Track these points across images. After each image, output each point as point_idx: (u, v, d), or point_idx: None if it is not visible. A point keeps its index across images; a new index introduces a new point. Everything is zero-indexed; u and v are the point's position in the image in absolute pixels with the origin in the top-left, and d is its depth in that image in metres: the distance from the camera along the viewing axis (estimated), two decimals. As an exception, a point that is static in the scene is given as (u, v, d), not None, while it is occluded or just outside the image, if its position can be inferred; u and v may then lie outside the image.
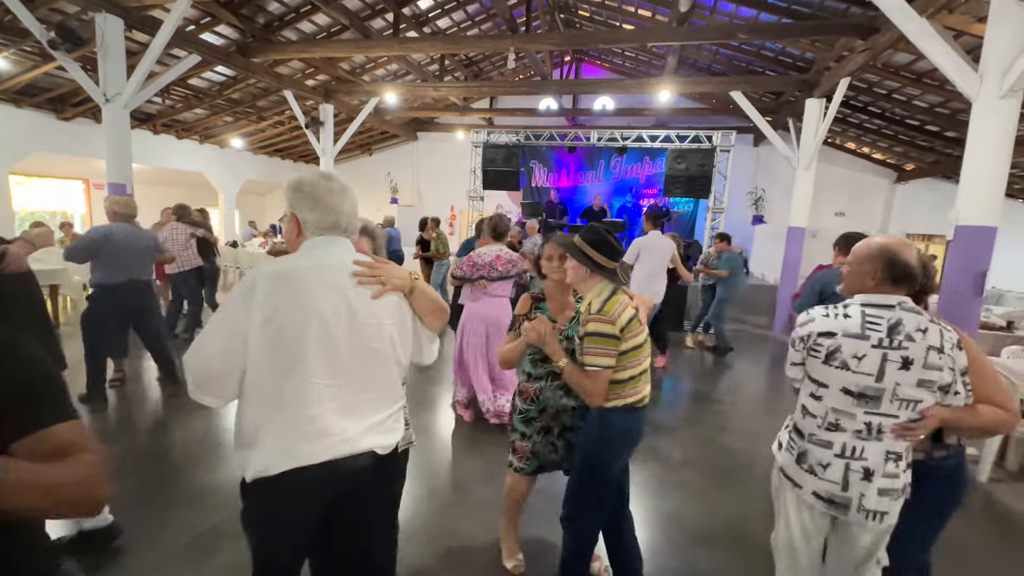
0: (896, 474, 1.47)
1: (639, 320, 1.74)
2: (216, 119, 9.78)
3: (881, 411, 1.46)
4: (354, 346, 1.23)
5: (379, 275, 1.27)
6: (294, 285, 1.18)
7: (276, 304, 1.15)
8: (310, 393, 1.18)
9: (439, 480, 2.98)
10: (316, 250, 1.26)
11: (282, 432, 1.17)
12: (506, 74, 11.87)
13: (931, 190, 10.55)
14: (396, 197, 13.16)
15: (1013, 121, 3.51)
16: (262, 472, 1.17)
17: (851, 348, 1.47)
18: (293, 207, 1.29)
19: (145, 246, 3.89)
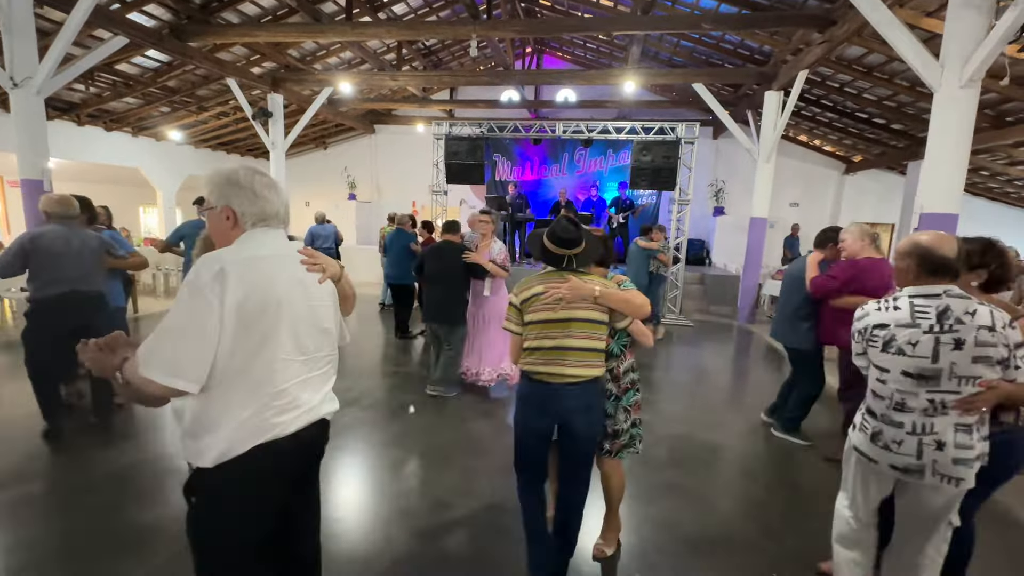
0: (970, 445, 1.60)
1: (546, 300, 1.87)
2: (151, 109, 8.97)
3: (941, 388, 1.60)
4: (310, 325, 1.35)
5: (321, 263, 1.40)
6: (261, 271, 1.26)
7: (247, 289, 1.21)
8: (280, 369, 1.27)
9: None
10: (264, 240, 1.33)
11: (256, 409, 1.24)
12: (466, 64, 11.55)
13: (876, 181, 11.09)
14: (354, 193, 12.61)
15: (972, 110, 3.59)
16: (228, 452, 1.22)
17: (904, 336, 1.64)
18: (228, 200, 1.32)
19: (89, 249, 3.24)
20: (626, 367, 2.15)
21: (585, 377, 1.88)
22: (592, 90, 11.19)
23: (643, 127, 7.85)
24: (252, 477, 1.25)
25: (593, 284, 1.86)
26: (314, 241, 7.56)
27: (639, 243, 6.52)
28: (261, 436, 1.24)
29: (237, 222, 1.32)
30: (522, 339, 1.93)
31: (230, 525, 1.27)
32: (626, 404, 2.15)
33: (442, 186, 8.99)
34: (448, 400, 4.22)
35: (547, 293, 1.86)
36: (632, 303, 1.87)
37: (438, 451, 3.30)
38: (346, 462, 3.14)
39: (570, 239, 1.89)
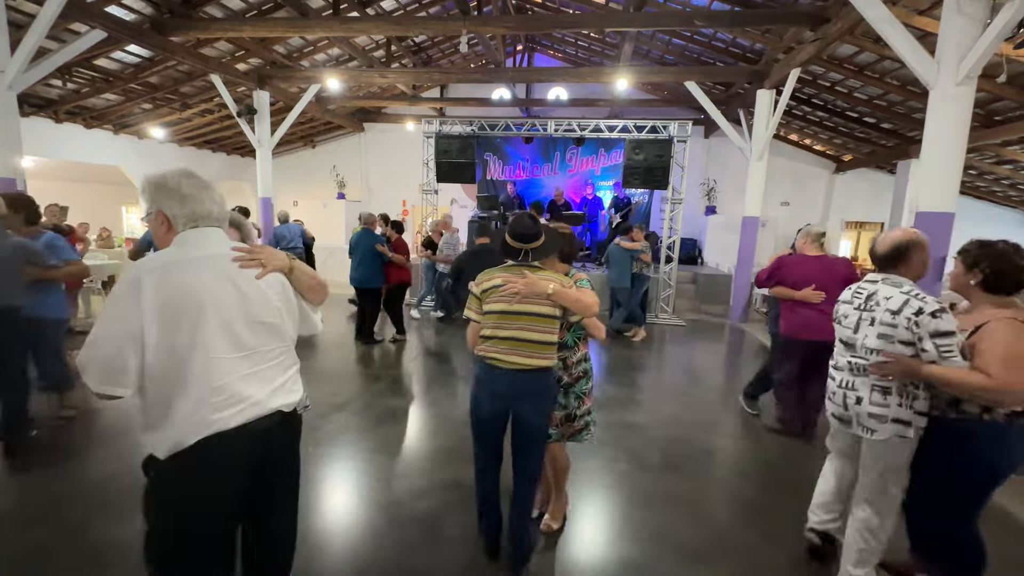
0: (885, 404, 1.90)
1: (503, 293, 2.00)
2: (132, 106, 8.73)
3: (857, 355, 1.99)
4: (248, 322, 1.36)
5: (258, 258, 1.41)
6: (185, 274, 1.28)
7: (167, 292, 1.24)
8: (214, 368, 1.30)
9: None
10: (196, 241, 1.36)
11: (194, 406, 1.28)
12: (457, 62, 11.43)
13: (866, 180, 11.15)
14: (343, 192, 12.42)
15: (968, 108, 3.56)
16: (178, 445, 1.28)
17: (843, 310, 2.12)
18: (160, 205, 1.36)
19: (2, 258, 2.81)
20: (578, 357, 2.28)
21: (535, 367, 2.01)
22: (583, 89, 11.12)
23: (635, 125, 7.80)
24: (201, 468, 1.31)
25: (548, 282, 1.96)
26: (279, 243, 7.23)
27: (621, 244, 6.43)
28: (204, 430, 1.29)
29: (171, 226, 1.36)
30: (479, 327, 2.07)
31: (183, 510, 1.33)
32: (578, 392, 2.29)
33: (432, 185, 8.87)
34: (439, 403, 4.12)
35: (505, 287, 1.99)
36: (582, 302, 1.98)
37: (429, 458, 3.20)
38: (335, 469, 3.03)
39: (527, 234, 2.05)
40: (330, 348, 5.71)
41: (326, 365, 5.14)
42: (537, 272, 2.03)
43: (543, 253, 2.10)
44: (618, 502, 2.79)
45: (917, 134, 8.64)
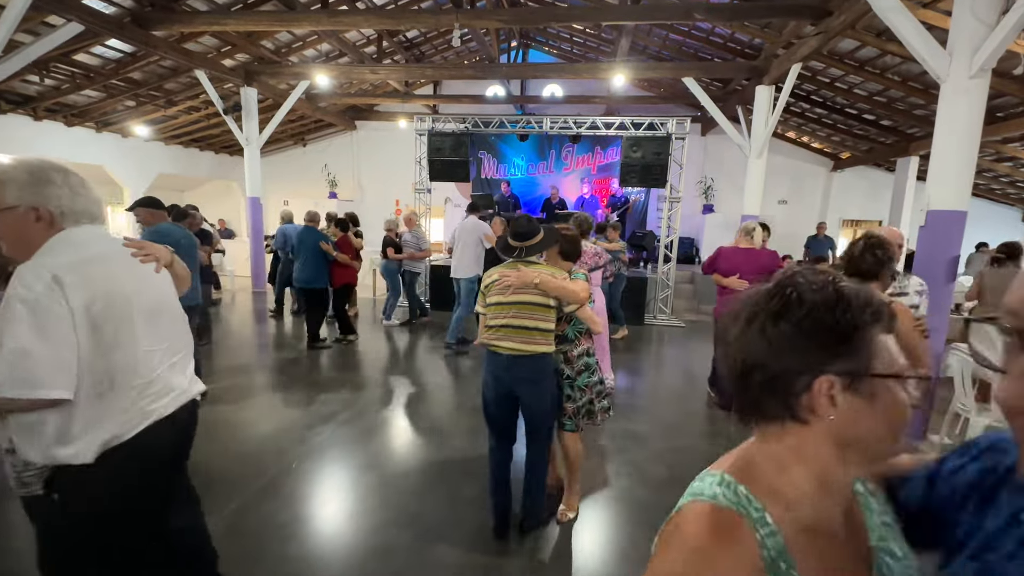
0: None
1: (499, 286, 2.22)
2: (114, 103, 8.47)
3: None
4: (160, 314, 1.41)
5: (153, 252, 1.43)
6: (101, 270, 1.26)
7: (92, 290, 1.21)
8: (144, 360, 1.33)
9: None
10: (94, 238, 1.31)
11: (132, 400, 1.30)
12: (450, 59, 11.23)
13: (863, 178, 11.06)
14: (335, 191, 12.19)
15: (982, 102, 3.41)
16: (114, 440, 1.27)
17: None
18: (44, 199, 1.23)
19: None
20: (579, 352, 2.37)
21: (530, 352, 2.18)
22: (579, 86, 10.95)
23: (633, 122, 7.63)
24: (139, 459, 1.32)
25: (536, 273, 2.17)
26: (286, 243, 6.83)
27: (598, 244, 6.27)
28: (144, 421, 1.32)
29: (53, 222, 1.25)
30: (486, 319, 2.28)
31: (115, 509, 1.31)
32: (580, 384, 2.39)
33: (426, 184, 8.67)
34: (433, 417, 3.94)
35: (500, 280, 2.22)
36: (565, 289, 2.15)
37: (421, 474, 3.02)
38: (321, 488, 2.84)
39: (522, 232, 2.26)
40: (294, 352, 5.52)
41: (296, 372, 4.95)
42: (530, 266, 2.24)
43: (537, 249, 2.27)
44: (623, 524, 2.62)
45: (917, 131, 8.54)
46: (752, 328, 0.57)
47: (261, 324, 6.90)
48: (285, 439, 3.38)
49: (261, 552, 2.26)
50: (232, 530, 2.39)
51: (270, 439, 3.40)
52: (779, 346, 0.54)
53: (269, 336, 6.31)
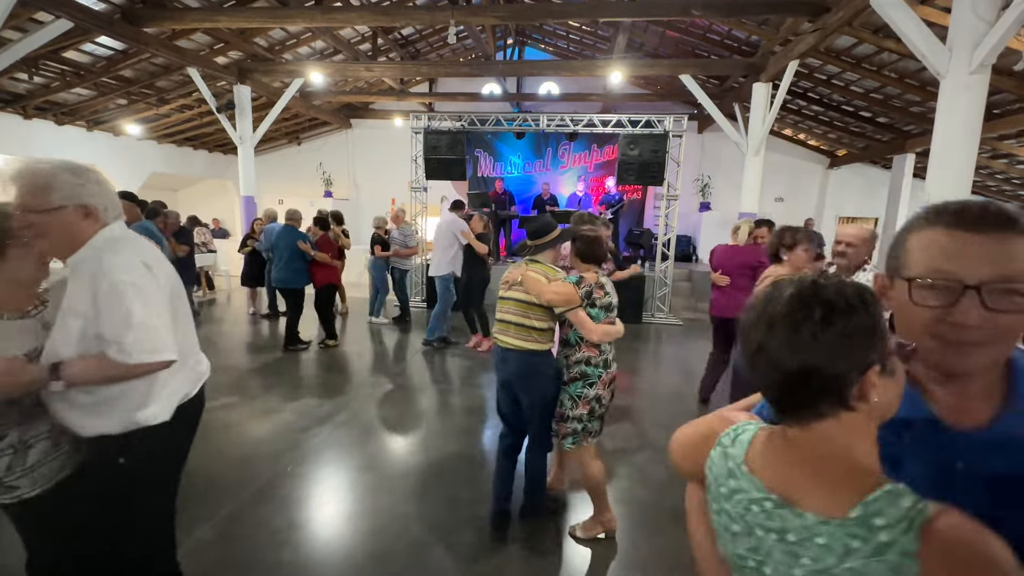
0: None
1: (502, 282, 2.38)
2: (106, 101, 8.36)
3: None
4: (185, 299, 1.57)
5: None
6: (161, 260, 1.45)
7: (164, 272, 1.42)
8: (191, 340, 1.56)
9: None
10: (128, 231, 1.43)
11: (191, 364, 1.55)
12: (445, 56, 11.16)
13: (859, 175, 11.07)
14: (330, 190, 12.09)
15: (982, 97, 3.40)
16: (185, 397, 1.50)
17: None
18: (91, 197, 1.32)
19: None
20: (577, 358, 2.27)
21: (519, 347, 2.27)
22: (575, 84, 10.91)
23: (630, 120, 7.59)
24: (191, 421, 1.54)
25: (522, 271, 2.27)
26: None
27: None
28: (198, 381, 1.59)
29: (98, 218, 1.34)
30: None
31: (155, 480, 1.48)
32: (572, 393, 2.28)
33: (422, 182, 8.61)
34: (430, 417, 3.89)
35: (504, 277, 2.38)
36: (540, 289, 2.18)
37: (419, 475, 2.98)
38: (317, 491, 2.79)
39: (533, 231, 2.36)
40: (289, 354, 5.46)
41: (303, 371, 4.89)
42: (532, 265, 2.30)
43: (542, 248, 2.35)
44: (622, 522, 2.59)
45: (914, 128, 8.55)
46: (802, 336, 0.62)
47: (255, 325, 6.82)
48: (280, 442, 3.33)
49: (254, 559, 2.21)
50: (224, 536, 2.34)
51: (264, 442, 3.35)
52: (835, 352, 0.61)
53: (262, 337, 6.24)
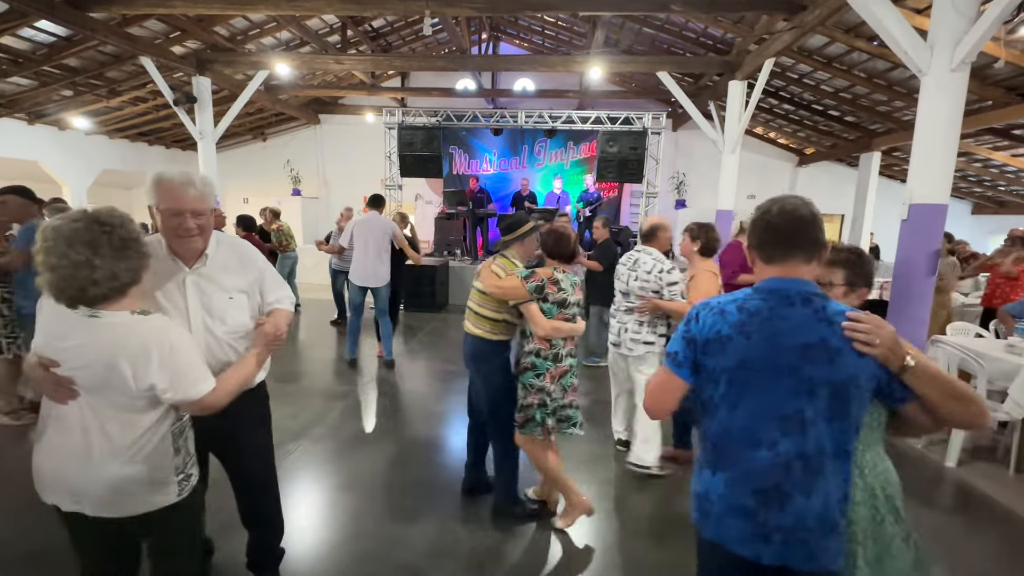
0: (639, 331, 2.96)
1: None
2: (49, 92, 7.73)
3: (628, 301, 3.01)
4: None
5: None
6: None
7: None
8: None
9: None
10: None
11: None
12: (418, 50, 10.86)
13: (827, 173, 11.38)
14: (298, 188, 11.63)
15: (962, 94, 3.43)
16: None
17: (620, 271, 3.13)
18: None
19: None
20: (528, 349, 2.34)
21: (472, 332, 2.47)
22: (551, 81, 10.79)
23: (609, 117, 7.52)
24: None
25: (491, 263, 2.40)
26: None
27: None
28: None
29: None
30: None
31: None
32: (524, 382, 2.34)
33: (396, 180, 8.33)
34: (415, 429, 3.69)
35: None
36: (490, 278, 2.33)
37: (405, 494, 2.78)
38: (294, 516, 2.56)
39: (504, 227, 2.48)
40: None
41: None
42: (499, 259, 2.43)
43: (509, 243, 2.45)
44: (621, 529, 2.47)
45: (879, 127, 8.80)
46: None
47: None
48: (251, 460, 3.07)
49: (226, 598, 1.99)
50: (191, 573, 2.09)
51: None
52: None
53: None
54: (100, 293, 1.18)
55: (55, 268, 1.13)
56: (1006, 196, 10.55)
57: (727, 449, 1.15)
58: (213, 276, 1.56)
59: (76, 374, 1.19)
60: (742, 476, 1.12)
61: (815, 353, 1.08)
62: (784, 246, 1.16)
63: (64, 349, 1.18)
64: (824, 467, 1.08)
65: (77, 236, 1.14)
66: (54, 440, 1.24)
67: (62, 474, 1.23)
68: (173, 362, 1.23)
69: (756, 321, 1.12)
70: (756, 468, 1.10)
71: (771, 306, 1.13)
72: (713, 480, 1.17)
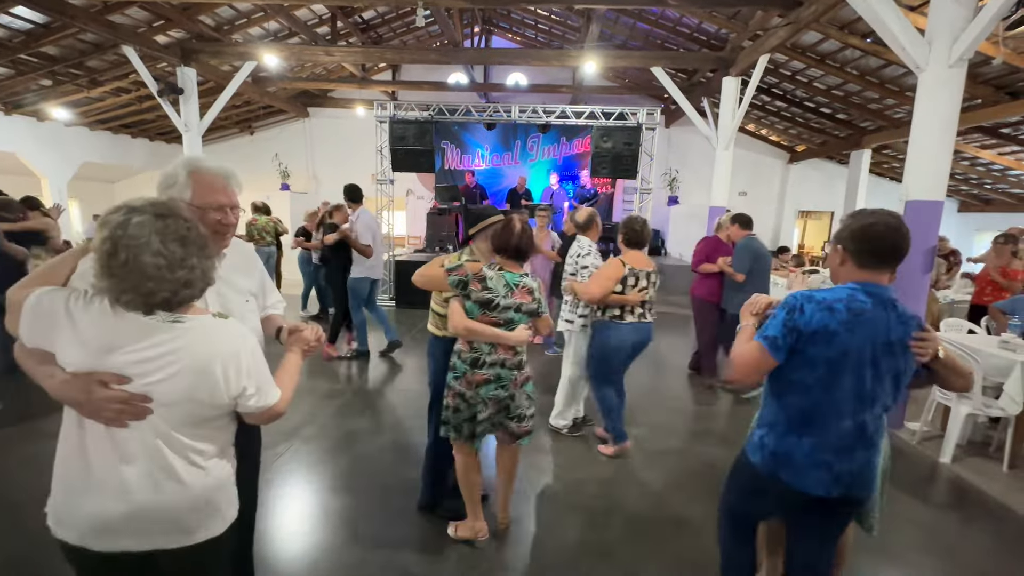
0: (564, 311, 3.38)
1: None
2: (26, 82, 7.47)
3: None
4: None
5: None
6: None
7: None
8: None
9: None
10: None
11: None
12: (410, 43, 10.71)
13: (818, 170, 11.46)
14: (287, 183, 11.42)
15: (960, 91, 3.42)
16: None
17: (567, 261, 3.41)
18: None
19: None
20: (455, 348, 2.20)
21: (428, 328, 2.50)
22: (543, 75, 10.72)
23: (603, 112, 7.47)
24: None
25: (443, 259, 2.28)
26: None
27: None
28: None
29: None
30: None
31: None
32: (448, 380, 2.19)
33: (387, 175, 8.20)
34: (407, 427, 3.62)
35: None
36: (423, 274, 2.25)
37: (401, 496, 2.71)
38: (283, 521, 2.48)
39: (471, 219, 2.38)
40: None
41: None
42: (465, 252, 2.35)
43: (473, 236, 2.33)
44: (623, 534, 2.43)
45: (870, 124, 8.86)
46: None
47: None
48: (240, 462, 2.98)
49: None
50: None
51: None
52: None
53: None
54: (190, 295, 1.07)
55: (144, 269, 0.99)
56: (991, 194, 10.71)
57: (816, 419, 1.43)
58: (229, 278, 1.43)
59: (155, 388, 1.04)
60: (828, 440, 1.42)
61: (893, 348, 1.39)
62: (883, 257, 1.41)
63: (139, 362, 1.03)
64: (879, 428, 1.46)
65: (169, 232, 1.02)
66: (98, 471, 1.06)
67: (108, 508, 1.06)
68: (257, 366, 1.15)
69: (860, 320, 1.37)
70: (840, 433, 1.41)
71: (872, 307, 1.38)
72: (799, 443, 1.45)
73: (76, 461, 1.07)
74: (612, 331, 3.03)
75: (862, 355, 1.37)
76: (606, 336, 3.06)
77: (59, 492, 1.08)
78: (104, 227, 1.00)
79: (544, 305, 2.18)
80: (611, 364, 3.12)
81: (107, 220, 1.01)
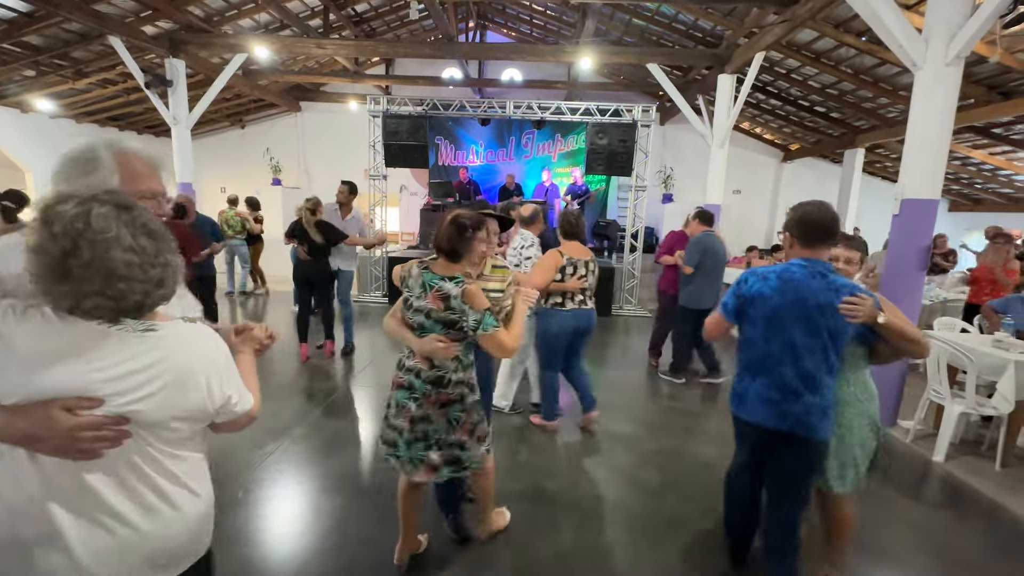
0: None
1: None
2: (8, 72, 7.29)
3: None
4: None
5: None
6: None
7: None
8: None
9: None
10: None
11: None
12: (403, 36, 10.59)
13: (811, 169, 11.49)
14: (279, 178, 11.28)
15: (956, 89, 3.41)
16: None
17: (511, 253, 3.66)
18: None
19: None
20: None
21: None
22: (538, 71, 10.65)
23: (599, 108, 7.43)
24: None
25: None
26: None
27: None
28: None
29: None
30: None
31: None
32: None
33: (380, 170, 8.11)
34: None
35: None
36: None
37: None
38: (274, 523, 2.43)
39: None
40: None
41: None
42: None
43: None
44: (618, 532, 2.40)
45: (863, 123, 8.89)
46: None
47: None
48: (229, 463, 2.92)
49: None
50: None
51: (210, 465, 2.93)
52: None
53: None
54: (162, 296, 0.92)
55: (114, 269, 0.83)
56: (982, 194, 10.80)
57: (762, 365, 1.83)
58: None
59: (135, 407, 0.88)
60: (772, 381, 1.80)
61: (823, 310, 1.72)
62: (819, 237, 1.78)
63: (110, 380, 0.86)
64: (822, 379, 1.76)
65: (137, 225, 0.87)
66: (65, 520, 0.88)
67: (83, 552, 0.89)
68: (232, 372, 1.04)
69: (791, 286, 1.76)
70: (784, 378, 1.77)
71: (803, 276, 1.75)
72: (752, 383, 1.86)
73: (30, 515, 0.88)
74: (553, 318, 3.24)
75: (794, 313, 1.74)
76: (548, 323, 3.27)
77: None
78: (53, 221, 0.81)
79: (485, 321, 1.76)
80: (553, 348, 3.33)
81: (55, 212, 0.81)
